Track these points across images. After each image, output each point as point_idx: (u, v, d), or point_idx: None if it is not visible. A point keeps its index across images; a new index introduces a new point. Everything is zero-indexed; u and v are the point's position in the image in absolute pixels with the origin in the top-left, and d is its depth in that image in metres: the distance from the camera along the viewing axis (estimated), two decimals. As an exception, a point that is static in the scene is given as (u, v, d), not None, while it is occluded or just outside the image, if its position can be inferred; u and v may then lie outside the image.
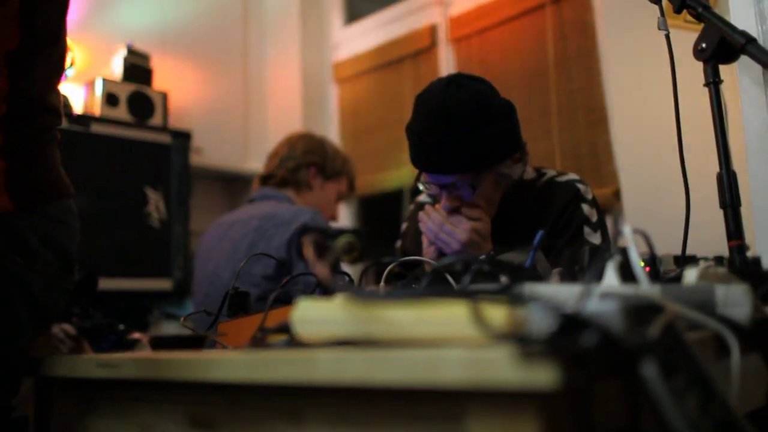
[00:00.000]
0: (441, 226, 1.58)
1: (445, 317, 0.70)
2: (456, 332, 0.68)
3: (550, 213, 1.63)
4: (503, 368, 0.59)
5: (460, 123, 1.51)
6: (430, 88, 1.61)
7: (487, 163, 1.56)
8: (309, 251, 0.88)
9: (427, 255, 1.63)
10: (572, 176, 1.70)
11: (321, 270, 0.82)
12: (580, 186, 1.66)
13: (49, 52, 1.26)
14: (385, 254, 2.25)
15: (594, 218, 1.63)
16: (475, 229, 1.56)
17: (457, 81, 1.57)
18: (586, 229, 1.61)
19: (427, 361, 0.64)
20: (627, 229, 0.85)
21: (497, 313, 0.65)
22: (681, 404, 0.60)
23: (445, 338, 0.68)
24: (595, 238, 1.61)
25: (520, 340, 0.60)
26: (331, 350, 0.74)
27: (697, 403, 0.64)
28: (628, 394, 0.68)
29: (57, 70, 1.31)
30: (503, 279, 0.93)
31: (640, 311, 0.68)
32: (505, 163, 1.59)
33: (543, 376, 0.56)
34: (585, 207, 1.63)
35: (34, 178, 1.23)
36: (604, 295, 0.71)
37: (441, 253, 1.61)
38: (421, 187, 1.65)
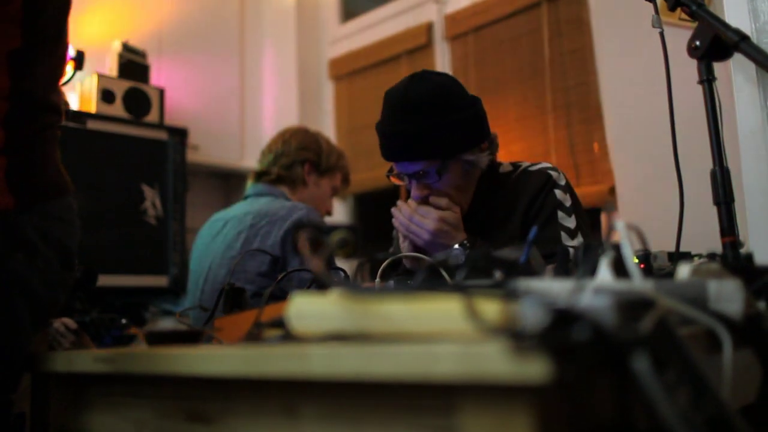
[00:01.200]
0: (410, 219, 1.62)
1: (439, 312, 0.70)
2: (449, 327, 0.68)
3: (523, 201, 1.65)
4: (496, 362, 0.59)
5: (422, 111, 1.57)
6: (396, 83, 1.67)
7: (451, 151, 1.60)
8: (304, 246, 0.88)
9: (403, 249, 1.66)
10: (545, 164, 1.72)
11: (316, 265, 0.82)
12: (552, 172, 1.68)
13: (50, 51, 1.26)
14: (379, 250, 2.26)
15: (567, 203, 1.64)
16: (443, 218, 1.59)
17: (420, 75, 1.64)
18: (560, 213, 1.62)
19: (420, 356, 0.65)
20: (620, 225, 0.86)
21: (490, 308, 0.66)
22: (673, 398, 0.60)
23: (439, 333, 0.69)
24: (570, 222, 1.62)
25: (512, 334, 0.60)
26: (325, 345, 0.74)
27: (689, 398, 0.64)
28: (620, 388, 0.68)
29: (58, 68, 1.31)
30: (497, 274, 0.93)
31: (632, 306, 0.69)
32: (471, 152, 1.62)
33: (535, 369, 0.57)
34: (558, 192, 1.64)
35: (36, 176, 1.23)
36: (597, 290, 0.71)
37: (415, 246, 1.63)
38: (392, 179, 1.68)
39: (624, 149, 2.61)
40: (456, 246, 1.58)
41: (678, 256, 1.34)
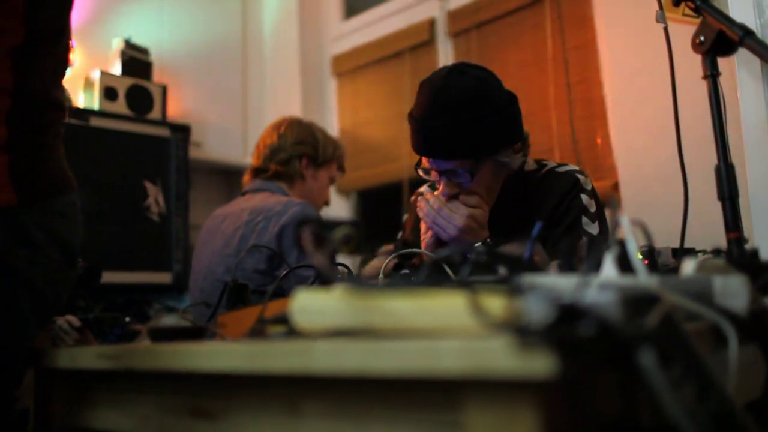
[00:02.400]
0: (439, 211, 1.59)
1: (443, 307, 0.70)
2: (454, 322, 0.68)
3: (549, 202, 1.64)
4: (501, 357, 0.59)
5: (460, 109, 1.53)
6: (433, 74, 1.62)
7: (487, 151, 1.57)
8: (308, 242, 0.88)
9: (425, 241, 1.64)
10: (572, 167, 1.71)
11: (320, 260, 0.82)
12: (580, 176, 1.67)
13: (53, 48, 1.26)
14: (381, 246, 2.26)
15: (593, 209, 1.63)
16: (473, 216, 1.57)
17: (460, 68, 1.59)
18: (584, 219, 1.61)
19: (424, 351, 0.64)
20: (625, 220, 0.85)
21: (495, 303, 0.65)
22: (678, 394, 0.60)
23: (443, 328, 0.69)
24: (593, 228, 1.61)
25: (517, 329, 0.60)
26: (329, 340, 0.74)
27: (694, 393, 0.64)
28: (626, 383, 0.68)
29: (61, 65, 1.31)
30: (501, 270, 0.93)
31: (637, 302, 0.68)
32: (504, 152, 1.60)
33: (540, 365, 0.57)
34: (584, 197, 1.63)
35: (39, 173, 1.23)
36: (602, 286, 0.71)
37: (438, 239, 1.62)
38: (420, 173, 1.66)
39: (627, 145, 2.60)
40: (479, 244, 1.57)
41: (682, 253, 1.34)
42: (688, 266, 0.93)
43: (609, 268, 0.83)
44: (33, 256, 1.18)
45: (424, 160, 1.63)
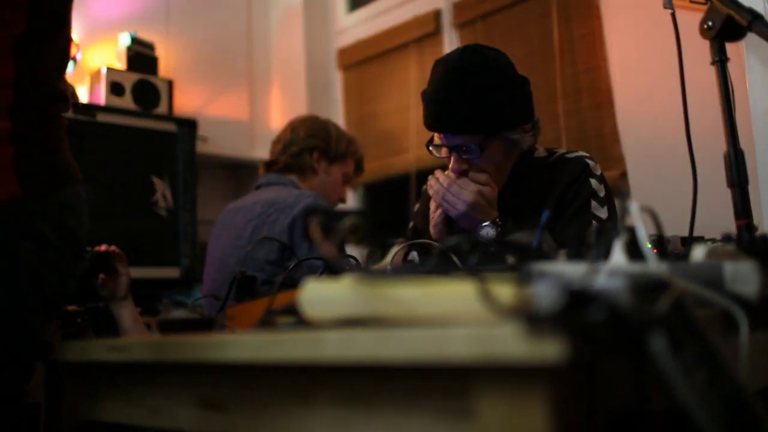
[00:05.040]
0: (448, 188, 1.61)
1: (453, 295, 0.70)
2: (463, 310, 0.68)
3: (558, 186, 1.65)
4: (511, 344, 0.59)
5: (471, 82, 1.55)
6: (447, 54, 1.66)
7: (496, 126, 1.58)
8: (316, 232, 0.88)
9: (434, 218, 1.65)
10: (582, 153, 1.72)
11: (328, 250, 0.82)
12: (589, 161, 1.68)
13: (55, 38, 1.26)
14: (390, 236, 2.25)
15: (601, 193, 1.64)
16: (481, 192, 1.58)
17: (473, 47, 1.63)
18: (593, 203, 1.62)
19: (434, 338, 0.64)
20: (634, 206, 0.85)
21: (504, 290, 0.65)
22: (689, 379, 0.60)
23: (453, 316, 0.68)
24: (602, 213, 1.61)
25: (527, 316, 0.60)
26: (338, 330, 0.74)
27: (706, 379, 0.63)
28: (636, 369, 0.68)
29: (63, 55, 1.31)
30: (510, 258, 0.93)
31: (647, 288, 0.68)
32: (515, 130, 1.61)
33: (550, 350, 0.56)
34: (593, 181, 1.64)
35: (44, 165, 1.23)
36: (611, 272, 0.71)
37: (447, 217, 1.63)
38: (431, 150, 1.66)
39: (635, 134, 2.59)
40: (487, 223, 1.58)
41: (692, 241, 1.33)
42: (699, 252, 0.93)
43: (618, 255, 0.82)
44: (39, 248, 1.19)
45: (436, 136, 1.65)
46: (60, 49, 1.29)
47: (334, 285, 0.80)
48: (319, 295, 0.81)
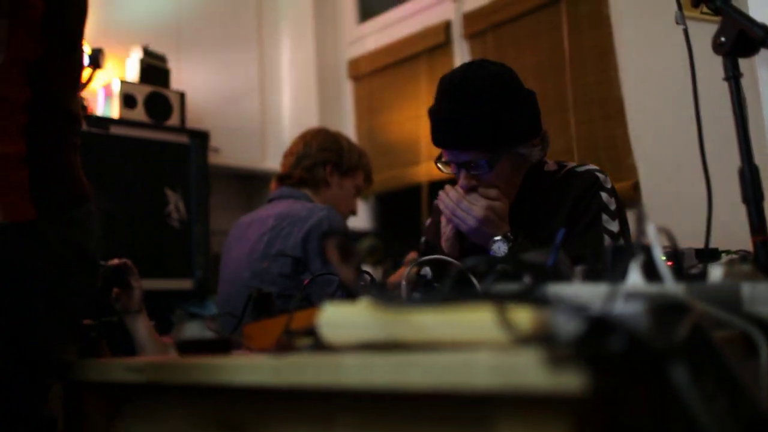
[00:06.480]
0: (458, 203, 1.61)
1: (471, 320, 0.70)
2: (482, 335, 0.68)
3: (569, 200, 1.65)
4: (532, 374, 0.59)
5: (476, 98, 1.55)
6: (453, 70, 1.66)
7: (504, 141, 1.58)
8: (333, 254, 0.88)
9: (445, 233, 1.66)
10: (592, 167, 1.72)
11: (346, 274, 0.83)
12: (600, 175, 1.67)
13: (68, 60, 1.27)
14: (405, 254, 2.26)
15: (612, 206, 1.63)
16: (492, 207, 1.59)
17: (478, 63, 1.63)
18: (604, 217, 1.61)
19: (455, 366, 0.64)
20: (651, 228, 0.85)
21: (523, 316, 0.65)
22: (712, 407, 0.60)
23: (472, 341, 0.69)
24: (614, 226, 1.61)
25: (547, 343, 0.60)
26: (358, 354, 0.74)
27: (726, 405, 0.63)
28: (656, 396, 0.68)
29: (76, 76, 1.32)
30: (526, 279, 0.93)
31: (666, 311, 0.68)
32: (523, 145, 1.61)
33: (573, 381, 0.56)
34: (603, 195, 1.64)
35: (57, 185, 1.24)
36: (629, 296, 0.71)
37: (458, 232, 1.64)
38: (440, 167, 1.67)
39: (647, 145, 2.58)
40: (498, 237, 1.58)
41: (706, 254, 1.33)
42: (716, 272, 0.93)
43: (635, 276, 0.83)
44: (53, 268, 1.19)
45: (444, 153, 1.65)
46: (73, 70, 1.30)
47: (352, 309, 0.80)
48: (338, 319, 0.81)
